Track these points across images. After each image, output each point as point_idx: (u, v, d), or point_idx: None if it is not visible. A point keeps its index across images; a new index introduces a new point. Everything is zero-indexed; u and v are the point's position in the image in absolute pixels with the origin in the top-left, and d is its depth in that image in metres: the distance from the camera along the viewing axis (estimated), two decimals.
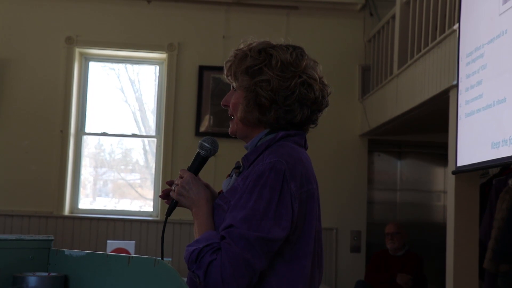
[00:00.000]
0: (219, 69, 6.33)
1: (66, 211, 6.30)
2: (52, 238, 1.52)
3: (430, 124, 5.74)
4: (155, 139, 6.56)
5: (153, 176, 6.51)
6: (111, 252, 5.07)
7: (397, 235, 5.82)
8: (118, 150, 6.89)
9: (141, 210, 6.49)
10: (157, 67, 6.67)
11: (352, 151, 6.43)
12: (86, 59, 6.60)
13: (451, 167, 3.93)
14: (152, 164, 6.59)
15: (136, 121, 6.75)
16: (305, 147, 1.87)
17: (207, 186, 1.88)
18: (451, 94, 4.06)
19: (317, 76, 1.85)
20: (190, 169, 1.87)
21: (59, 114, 6.30)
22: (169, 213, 1.89)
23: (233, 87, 1.88)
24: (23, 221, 6.18)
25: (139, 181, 6.84)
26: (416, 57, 4.72)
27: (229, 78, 1.88)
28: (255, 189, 1.67)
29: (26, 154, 6.26)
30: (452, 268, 3.85)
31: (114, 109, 6.72)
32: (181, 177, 1.84)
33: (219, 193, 1.85)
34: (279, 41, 1.89)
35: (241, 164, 1.85)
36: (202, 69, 6.36)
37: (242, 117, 1.82)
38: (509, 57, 3.18)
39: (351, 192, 6.39)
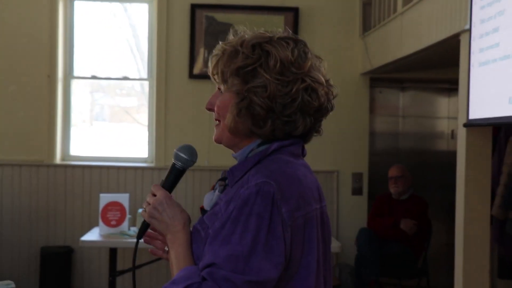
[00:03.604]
0: (212, 7, 6.05)
1: (58, 159, 6.09)
2: (13, 285, 1.28)
3: (436, 62, 5.47)
4: (147, 82, 6.27)
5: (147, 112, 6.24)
6: (104, 206, 4.89)
7: (401, 178, 5.63)
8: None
9: (135, 156, 6.27)
10: (147, 6, 6.30)
11: (353, 90, 6.15)
12: None
13: (462, 119, 3.68)
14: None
15: (128, 62, 6.43)
16: (303, 155, 1.59)
17: None
18: (463, 39, 3.76)
19: (322, 78, 1.53)
20: (164, 184, 1.60)
21: (45, 58, 6.00)
22: (140, 235, 1.63)
23: (219, 88, 1.56)
24: (14, 170, 5.98)
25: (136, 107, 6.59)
26: None
27: (215, 77, 1.55)
28: (240, 219, 1.38)
29: (13, 101, 6.00)
30: (462, 225, 3.67)
31: (104, 51, 6.40)
32: (154, 195, 1.56)
33: (201, 209, 1.57)
34: (275, 30, 1.56)
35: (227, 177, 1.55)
36: (194, 8, 6.00)
37: (232, 126, 1.51)
38: None
39: (352, 133, 6.16)
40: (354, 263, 5.61)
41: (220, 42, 1.55)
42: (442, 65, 5.62)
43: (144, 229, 1.62)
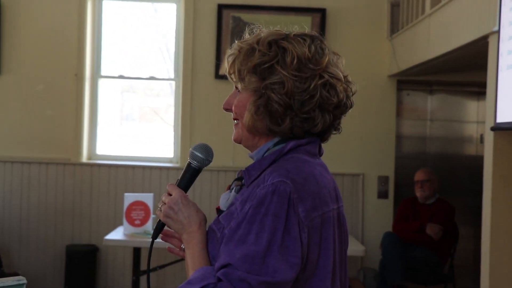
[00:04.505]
0: (239, 7, 6.04)
1: (84, 157, 6.14)
2: (25, 281, 1.27)
3: (464, 65, 5.39)
4: (173, 82, 6.29)
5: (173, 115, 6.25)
6: (128, 206, 4.90)
7: (427, 182, 5.56)
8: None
9: (161, 156, 6.28)
10: (175, 6, 6.31)
11: (380, 92, 6.10)
12: None
13: (489, 123, 3.61)
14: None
15: (156, 62, 6.46)
16: (320, 154, 1.57)
17: None
18: (491, 41, 3.69)
19: (341, 74, 1.51)
20: (179, 184, 1.59)
21: (73, 57, 6.06)
22: (155, 235, 1.62)
23: (236, 87, 1.56)
24: (41, 168, 6.04)
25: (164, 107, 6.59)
26: None
27: (232, 76, 1.55)
28: (256, 219, 1.37)
29: (41, 100, 6.06)
30: (488, 231, 3.60)
31: (132, 51, 6.43)
32: (169, 195, 1.56)
33: (217, 209, 1.56)
34: (291, 28, 1.56)
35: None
36: (221, 8, 6.00)
37: (250, 125, 1.51)
38: None
39: (378, 136, 6.10)
40: (379, 267, 5.54)
41: (236, 41, 1.55)
42: (471, 68, 5.54)
43: (159, 228, 1.61)
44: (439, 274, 5.47)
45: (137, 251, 4.91)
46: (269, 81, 1.47)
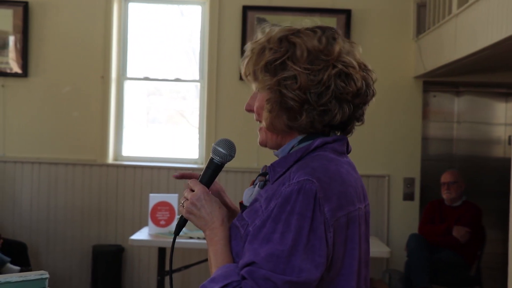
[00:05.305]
0: (264, 8, 6.05)
1: (110, 158, 6.18)
2: (47, 276, 1.28)
3: (492, 66, 5.33)
4: (198, 84, 6.31)
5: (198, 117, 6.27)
6: (153, 206, 4.93)
7: (454, 184, 5.51)
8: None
9: (186, 157, 6.31)
10: (200, 8, 6.34)
11: (406, 94, 6.06)
12: (125, 0, 6.32)
13: None
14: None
15: (182, 64, 6.48)
16: (348, 152, 1.55)
17: (220, 191, 1.60)
18: None
19: (355, 62, 1.48)
20: (202, 179, 1.58)
21: (99, 59, 6.10)
22: (177, 231, 1.61)
23: (254, 89, 1.55)
24: (67, 169, 6.09)
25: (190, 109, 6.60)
26: None
27: (248, 78, 1.53)
28: (281, 217, 1.35)
29: (67, 101, 6.12)
30: None
31: (157, 53, 6.46)
32: (192, 190, 1.55)
33: (240, 203, 1.54)
34: (304, 22, 1.53)
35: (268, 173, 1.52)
36: (246, 9, 6.01)
37: (268, 123, 1.49)
38: None
39: (404, 138, 6.05)
40: (404, 269, 5.50)
41: (249, 42, 1.54)
42: (499, 69, 5.48)
43: (181, 225, 1.61)
44: (465, 277, 5.42)
45: (162, 251, 4.93)
46: (281, 77, 1.45)
